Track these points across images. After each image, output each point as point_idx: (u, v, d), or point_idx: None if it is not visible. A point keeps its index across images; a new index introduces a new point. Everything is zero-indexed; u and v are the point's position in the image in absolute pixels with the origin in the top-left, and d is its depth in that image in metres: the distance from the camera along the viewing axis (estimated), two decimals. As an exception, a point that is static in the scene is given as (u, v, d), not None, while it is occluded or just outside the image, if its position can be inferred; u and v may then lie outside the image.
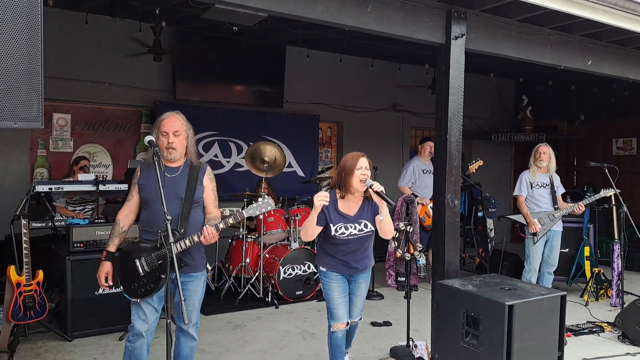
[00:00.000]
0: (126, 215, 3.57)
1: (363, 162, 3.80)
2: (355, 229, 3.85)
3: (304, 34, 7.63)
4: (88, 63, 7.41)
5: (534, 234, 6.16)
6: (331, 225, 3.82)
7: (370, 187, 3.71)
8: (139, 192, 3.52)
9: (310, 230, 3.81)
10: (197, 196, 3.51)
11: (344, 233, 3.83)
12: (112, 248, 3.52)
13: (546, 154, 6.36)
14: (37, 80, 2.48)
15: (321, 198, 3.64)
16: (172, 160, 3.51)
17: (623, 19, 4.73)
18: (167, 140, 3.44)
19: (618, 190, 6.31)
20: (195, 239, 3.38)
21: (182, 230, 3.40)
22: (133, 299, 3.45)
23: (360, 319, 4.22)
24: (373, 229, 3.92)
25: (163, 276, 3.34)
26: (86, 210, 6.41)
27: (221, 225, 3.42)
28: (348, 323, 4.02)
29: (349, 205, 3.87)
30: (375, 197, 3.74)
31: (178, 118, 3.51)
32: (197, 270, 3.56)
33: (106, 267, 3.49)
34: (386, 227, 3.84)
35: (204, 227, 3.40)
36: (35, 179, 7.18)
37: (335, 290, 3.94)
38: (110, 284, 3.52)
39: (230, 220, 3.46)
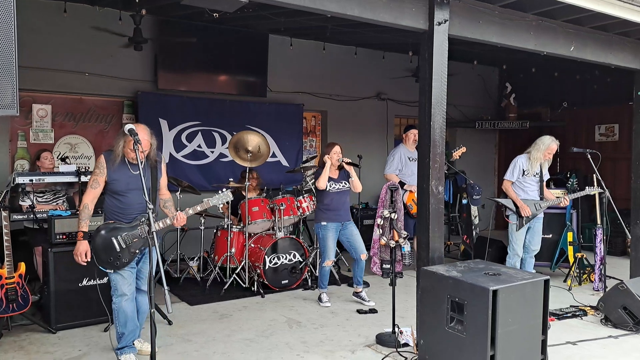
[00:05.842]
0: (92, 200, 4.11)
1: (337, 148, 6.05)
2: (339, 184, 6.00)
3: (287, 21, 7.57)
4: (68, 53, 7.28)
5: (520, 217, 6.16)
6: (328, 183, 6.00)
7: (343, 161, 5.95)
8: (109, 185, 4.11)
9: (324, 179, 5.89)
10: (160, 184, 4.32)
11: (334, 187, 5.95)
12: (86, 229, 4.05)
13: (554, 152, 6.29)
14: (11, 68, 2.46)
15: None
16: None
17: (605, 4, 4.74)
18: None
19: (601, 190, 6.33)
20: (168, 222, 4.14)
21: (155, 215, 3.97)
22: (108, 271, 4.09)
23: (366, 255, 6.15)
24: (349, 186, 6.08)
25: (137, 251, 4.10)
26: (57, 202, 6.23)
27: (190, 211, 4.20)
28: (334, 261, 6.26)
29: (334, 173, 6.07)
30: (347, 166, 5.96)
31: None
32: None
33: (85, 245, 4.04)
34: (356, 184, 6.07)
35: (177, 213, 4.16)
36: (15, 170, 7.07)
37: (330, 238, 5.92)
38: (89, 259, 4.05)
39: (198, 208, 4.23)
